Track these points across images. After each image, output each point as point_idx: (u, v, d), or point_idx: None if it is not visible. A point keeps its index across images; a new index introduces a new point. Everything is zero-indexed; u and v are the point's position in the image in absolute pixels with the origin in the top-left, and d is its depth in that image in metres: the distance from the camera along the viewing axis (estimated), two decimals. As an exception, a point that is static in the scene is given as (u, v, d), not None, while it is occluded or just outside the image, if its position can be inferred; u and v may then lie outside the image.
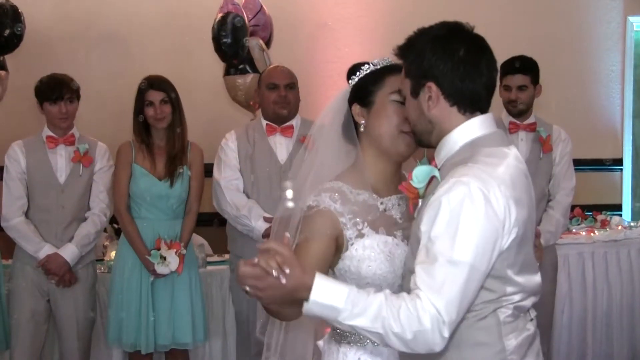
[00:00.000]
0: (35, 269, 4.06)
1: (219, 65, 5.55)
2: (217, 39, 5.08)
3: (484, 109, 2.05)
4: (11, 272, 4.16)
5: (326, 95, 6.20)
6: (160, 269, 3.96)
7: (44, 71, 4.23)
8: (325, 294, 1.85)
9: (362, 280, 2.17)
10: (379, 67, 2.32)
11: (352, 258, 2.19)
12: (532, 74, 4.32)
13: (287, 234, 2.07)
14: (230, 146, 4.20)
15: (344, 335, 2.26)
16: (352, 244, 2.18)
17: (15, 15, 4.87)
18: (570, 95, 6.53)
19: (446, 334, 1.82)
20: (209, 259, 4.74)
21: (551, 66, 5.32)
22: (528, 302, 2.03)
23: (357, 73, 2.34)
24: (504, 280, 1.95)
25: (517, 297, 1.99)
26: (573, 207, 5.10)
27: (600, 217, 5.51)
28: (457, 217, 1.85)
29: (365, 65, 2.34)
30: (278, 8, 5.60)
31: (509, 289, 1.97)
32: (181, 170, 4.07)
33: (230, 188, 4.13)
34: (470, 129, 2.02)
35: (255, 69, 5.11)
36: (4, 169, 4.18)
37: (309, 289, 1.85)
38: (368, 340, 2.20)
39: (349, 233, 2.18)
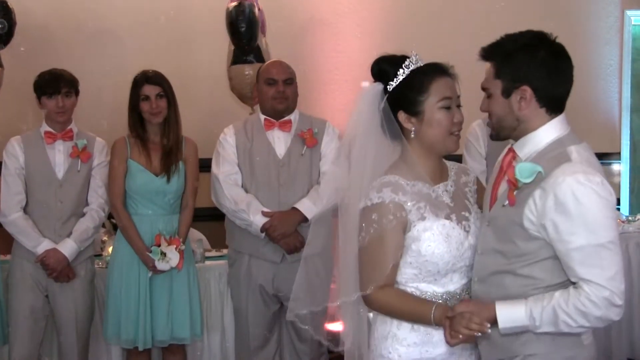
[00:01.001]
0: (33, 265, 4.06)
1: (217, 60, 5.56)
2: (234, 25, 5.10)
3: (562, 109, 2.39)
4: (9, 268, 4.15)
5: (324, 90, 6.21)
6: (161, 265, 3.97)
7: (42, 67, 4.22)
8: (509, 320, 2.28)
9: (421, 257, 2.44)
10: (412, 68, 2.47)
11: (413, 238, 2.43)
12: None
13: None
14: (228, 141, 4.20)
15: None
16: (414, 226, 2.43)
17: (5, 11, 4.86)
18: (568, 89, 6.52)
19: (619, 302, 2.24)
20: (208, 254, 4.74)
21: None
22: None
23: (395, 78, 2.47)
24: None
25: None
26: (571, 202, 5.09)
27: (598, 211, 5.50)
28: (587, 208, 2.20)
29: (400, 70, 2.47)
30: (276, 2, 5.59)
31: None
32: (177, 166, 4.06)
33: (228, 182, 4.13)
34: (555, 128, 2.36)
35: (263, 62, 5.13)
36: (2, 164, 4.18)
37: (495, 321, 2.27)
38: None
39: (412, 217, 2.42)
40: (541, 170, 2.27)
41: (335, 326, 2.74)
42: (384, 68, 2.50)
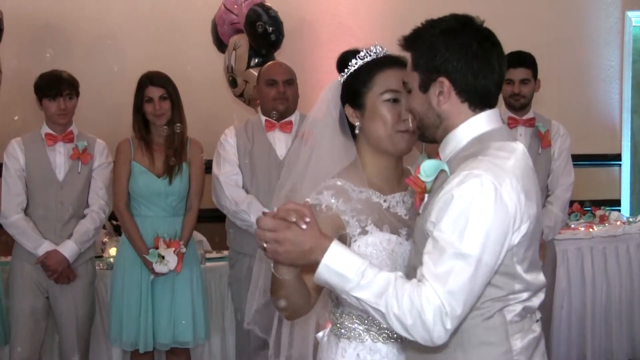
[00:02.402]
0: (34, 266, 4.05)
1: (217, 62, 5.56)
2: (258, 26, 5.12)
3: (492, 105, 2.03)
4: (10, 269, 4.15)
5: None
6: (159, 267, 3.95)
7: (42, 68, 4.23)
8: (338, 260, 1.85)
9: None
10: (366, 60, 2.26)
11: None
12: (533, 67, 4.36)
13: (308, 199, 2.06)
14: (229, 142, 4.20)
15: (343, 331, 2.25)
16: (354, 241, 2.16)
17: None
18: (569, 90, 6.53)
19: (449, 326, 1.79)
20: (208, 256, 4.74)
21: (550, 61, 5.32)
22: (535, 302, 2.01)
23: (346, 70, 2.28)
24: (513, 277, 1.93)
25: (524, 295, 1.96)
26: (572, 203, 5.10)
27: (599, 212, 5.51)
28: (468, 209, 1.82)
29: (353, 60, 2.27)
30: (276, 4, 5.60)
31: (517, 286, 1.94)
32: (180, 167, 4.06)
33: (229, 183, 4.13)
34: (477, 124, 1.99)
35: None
36: (2, 166, 4.18)
37: (324, 251, 1.85)
38: (367, 337, 2.21)
39: (352, 230, 2.15)
40: (446, 168, 1.95)
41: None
42: (345, 58, 2.29)
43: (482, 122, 1.99)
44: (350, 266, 1.84)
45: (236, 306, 4.30)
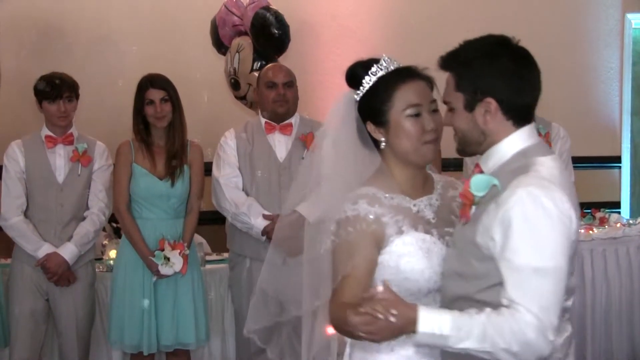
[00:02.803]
0: (34, 268, 4.05)
1: (218, 64, 5.56)
2: (264, 28, 5.12)
3: (531, 120, 2.17)
4: (10, 272, 4.15)
5: (324, 94, 6.21)
6: (165, 269, 3.95)
7: (41, 71, 4.23)
8: (431, 325, 1.98)
9: (400, 274, 2.24)
10: (380, 74, 2.30)
11: (391, 253, 2.24)
12: None
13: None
14: (229, 144, 4.20)
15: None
16: (392, 241, 2.24)
17: None
18: (569, 92, 6.53)
19: (551, 337, 1.96)
20: (208, 258, 4.74)
21: (549, 63, 5.27)
22: (569, 303, 2.15)
23: (361, 87, 2.31)
24: None
25: (565, 298, 2.08)
26: (572, 205, 5.09)
27: (598, 214, 5.51)
28: (534, 226, 1.97)
29: (366, 77, 2.31)
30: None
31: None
32: (182, 170, 4.06)
33: (229, 186, 4.13)
34: (520, 139, 2.13)
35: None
36: (2, 168, 4.18)
37: (414, 322, 1.98)
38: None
39: (390, 231, 2.23)
40: (497, 183, 2.08)
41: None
42: (356, 73, 2.33)
43: (524, 137, 2.14)
44: (443, 325, 1.98)
45: (236, 308, 4.29)
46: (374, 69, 2.31)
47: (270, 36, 5.18)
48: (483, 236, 2.05)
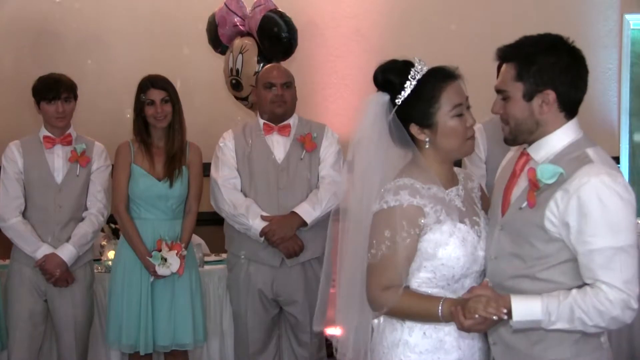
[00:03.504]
0: (32, 269, 4.05)
1: (216, 65, 5.55)
2: (272, 30, 5.13)
3: (576, 113, 2.38)
4: (8, 272, 4.15)
5: (323, 95, 6.21)
6: (162, 270, 3.96)
7: (39, 72, 4.23)
8: (524, 313, 2.23)
9: (437, 261, 2.40)
10: (419, 77, 2.41)
11: (429, 241, 2.39)
12: None
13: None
14: (227, 145, 4.20)
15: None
16: (430, 229, 2.39)
17: None
18: (567, 93, 6.53)
19: (635, 306, 2.21)
20: (207, 259, 4.74)
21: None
22: None
23: (402, 92, 2.42)
24: None
25: None
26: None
27: (597, 215, 5.50)
28: (610, 210, 2.19)
29: (407, 82, 2.41)
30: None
31: None
32: (180, 171, 4.06)
33: (227, 187, 4.13)
34: (570, 131, 2.34)
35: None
36: (0, 169, 4.18)
37: (509, 313, 2.23)
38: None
39: (429, 220, 2.38)
40: (563, 171, 2.25)
41: (335, 330, 2.72)
42: (389, 79, 2.44)
43: (574, 129, 2.35)
44: (535, 311, 2.22)
45: (234, 309, 4.29)
46: (412, 73, 2.43)
47: (278, 40, 5.18)
48: (552, 221, 2.25)
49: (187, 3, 6.12)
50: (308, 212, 4.04)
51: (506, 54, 2.35)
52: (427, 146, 2.45)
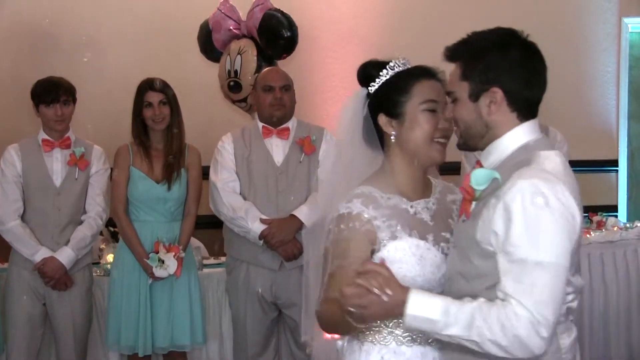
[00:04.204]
0: (31, 273, 4.05)
1: (213, 68, 5.55)
2: (272, 30, 5.13)
3: (535, 115, 2.12)
4: (7, 276, 4.14)
5: (322, 98, 6.21)
6: (159, 272, 3.97)
7: (38, 75, 4.23)
8: (421, 307, 1.95)
9: None
10: (397, 70, 2.31)
11: (383, 259, 2.18)
12: None
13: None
14: (226, 148, 4.20)
15: (366, 334, 2.27)
16: (384, 246, 2.21)
17: None
18: (566, 96, 6.53)
19: (545, 334, 1.88)
20: (206, 262, 4.73)
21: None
22: (576, 303, 2.11)
23: (377, 80, 2.31)
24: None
25: (570, 297, 2.06)
26: (569, 208, 5.10)
27: (596, 218, 5.51)
28: (535, 219, 1.91)
29: (384, 70, 2.31)
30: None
31: (567, 289, 2.01)
32: (179, 173, 4.07)
33: (226, 190, 4.13)
34: (522, 133, 2.08)
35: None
36: (-1, 172, 4.17)
37: (404, 304, 1.96)
38: (392, 340, 2.25)
39: (382, 235, 2.20)
40: (498, 176, 2.02)
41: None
42: (369, 72, 2.34)
43: (527, 131, 2.08)
44: (433, 310, 1.94)
45: (234, 312, 4.29)
46: (391, 63, 2.32)
47: (279, 37, 5.18)
48: (484, 232, 2.00)
49: (185, 5, 6.12)
50: (307, 215, 4.04)
51: (452, 53, 2.13)
52: (392, 140, 2.29)
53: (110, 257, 4.41)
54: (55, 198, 4.09)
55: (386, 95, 2.29)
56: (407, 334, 2.23)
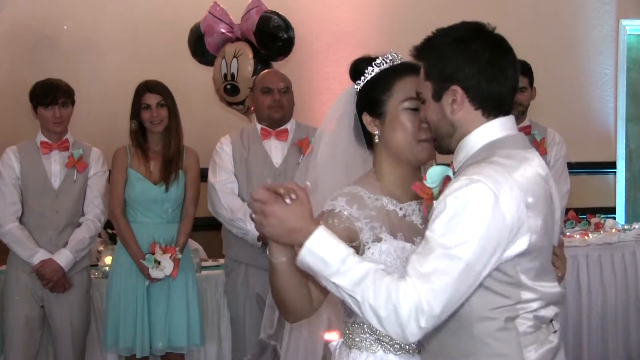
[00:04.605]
0: (29, 275, 4.04)
1: (211, 70, 5.54)
2: (269, 32, 5.14)
3: (507, 112, 2.01)
4: (5, 278, 4.14)
5: (320, 100, 6.21)
6: (155, 273, 3.97)
7: (36, 77, 4.23)
8: (322, 245, 1.84)
9: None
10: (383, 67, 2.24)
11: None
12: (529, 76, 4.37)
13: (308, 183, 2.07)
14: (225, 150, 4.20)
15: (354, 342, 2.23)
16: (368, 248, 2.13)
17: None
18: (564, 98, 6.54)
19: (423, 324, 1.77)
20: (204, 264, 4.73)
21: (545, 70, 5.33)
22: (549, 312, 1.99)
23: (362, 77, 2.25)
24: (518, 286, 1.91)
25: (534, 305, 1.95)
26: (567, 210, 5.11)
27: (594, 220, 5.51)
28: (462, 213, 1.80)
29: (369, 67, 2.25)
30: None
31: (525, 296, 1.92)
32: (177, 175, 4.07)
33: (225, 191, 4.13)
34: (490, 131, 1.97)
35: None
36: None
37: (309, 234, 1.85)
38: (379, 347, 2.19)
39: (365, 237, 2.13)
40: (450, 174, 1.95)
41: (331, 336, 2.70)
42: (360, 68, 2.26)
43: (494, 129, 1.97)
44: (333, 252, 1.83)
45: (232, 314, 4.29)
46: (378, 60, 2.25)
47: (277, 39, 5.19)
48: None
49: (183, 8, 6.11)
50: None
51: (418, 52, 2.03)
52: (376, 140, 2.21)
53: (108, 260, 4.41)
54: (54, 200, 4.09)
55: (369, 93, 2.22)
56: (395, 342, 2.17)
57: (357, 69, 2.27)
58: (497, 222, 1.82)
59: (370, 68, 2.24)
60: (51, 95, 4.05)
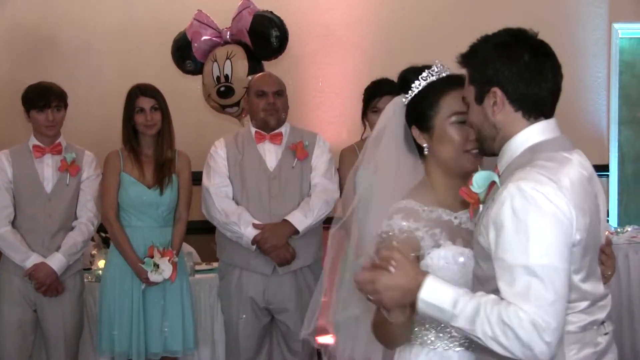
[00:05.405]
0: (22, 279, 4.03)
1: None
2: (263, 32, 5.14)
3: (548, 114, 2.07)
4: (-3, 282, 4.13)
5: (314, 103, 6.21)
6: (154, 277, 3.96)
7: (29, 80, 4.22)
8: (434, 294, 1.93)
9: None
10: (430, 80, 2.31)
11: (427, 267, 2.19)
12: None
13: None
14: (219, 153, 4.20)
15: (415, 337, 2.27)
16: (428, 254, 2.20)
17: None
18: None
19: (548, 339, 1.82)
20: (198, 267, 4.73)
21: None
22: (598, 313, 2.06)
23: (410, 91, 2.32)
24: (570, 286, 1.94)
25: (582, 305, 2.00)
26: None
27: (587, 223, 5.51)
28: (524, 222, 1.87)
29: (416, 81, 2.32)
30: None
31: (573, 296, 1.97)
32: (170, 178, 4.06)
33: (219, 195, 4.13)
34: (531, 134, 2.04)
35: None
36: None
37: (420, 287, 1.94)
38: (439, 343, 2.24)
39: (426, 244, 2.20)
40: (496, 179, 2.03)
41: (326, 339, 2.71)
42: (407, 78, 2.35)
43: (536, 133, 2.04)
44: (444, 298, 1.92)
45: (226, 318, 4.28)
46: (424, 74, 2.32)
47: (271, 36, 5.18)
48: (484, 235, 1.98)
49: (178, 12, 6.11)
50: (300, 220, 4.04)
51: (462, 59, 2.13)
52: (426, 152, 2.31)
53: (101, 263, 4.40)
54: (46, 204, 4.08)
55: (416, 108, 2.31)
56: (455, 338, 2.23)
57: (405, 80, 2.35)
58: (559, 218, 1.89)
59: (417, 82, 2.32)
60: (44, 99, 4.04)
